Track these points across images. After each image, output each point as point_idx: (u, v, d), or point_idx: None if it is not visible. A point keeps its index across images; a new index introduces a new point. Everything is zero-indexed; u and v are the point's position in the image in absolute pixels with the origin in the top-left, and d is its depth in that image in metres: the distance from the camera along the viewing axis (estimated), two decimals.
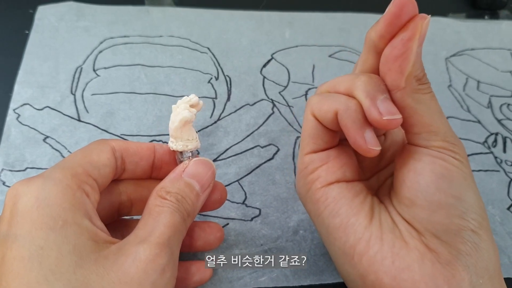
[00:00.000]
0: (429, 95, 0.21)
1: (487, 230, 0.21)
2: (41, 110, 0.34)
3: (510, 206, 0.34)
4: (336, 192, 0.23)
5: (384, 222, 0.22)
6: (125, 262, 0.19)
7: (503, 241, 0.31)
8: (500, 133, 0.38)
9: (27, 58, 0.37)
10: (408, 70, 0.20)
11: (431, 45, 0.44)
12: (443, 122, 0.21)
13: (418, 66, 0.21)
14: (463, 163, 0.21)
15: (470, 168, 0.22)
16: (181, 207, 0.22)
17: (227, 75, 0.38)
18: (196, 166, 0.23)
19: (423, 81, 0.21)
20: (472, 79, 0.42)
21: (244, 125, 0.35)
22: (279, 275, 0.28)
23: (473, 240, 0.21)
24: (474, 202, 0.21)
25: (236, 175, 0.33)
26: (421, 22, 0.20)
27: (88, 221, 0.20)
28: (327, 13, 0.45)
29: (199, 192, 0.23)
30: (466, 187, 0.21)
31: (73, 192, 0.20)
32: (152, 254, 0.19)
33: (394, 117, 0.21)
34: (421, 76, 0.21)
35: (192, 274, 0.25)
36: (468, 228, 0.21)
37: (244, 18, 0.43)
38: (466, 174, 0.21)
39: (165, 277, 0.20)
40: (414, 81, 0.21)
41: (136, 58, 0.38)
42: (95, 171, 0.21)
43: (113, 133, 0.33)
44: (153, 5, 0.43)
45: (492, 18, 0.49)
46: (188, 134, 0.24)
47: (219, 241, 0.26)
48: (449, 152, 0.21)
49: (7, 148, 0.31)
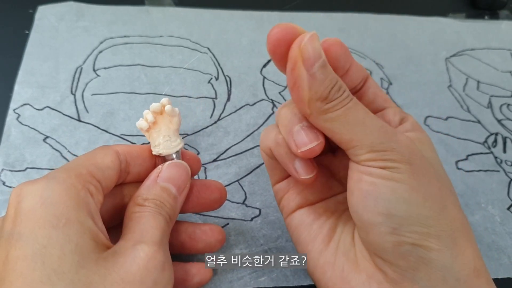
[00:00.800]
0: (342, 109, 0.20)
1: (439, 237, 0.20)
2: (41, 110, 0.34)
3: (510, 206, 0.34)
4: (296, 220, 0.25)
5: (341, 244, 0.23)
6: (125, 262, 0.19)
7: (503, 241, 0.31)
8: (500, 133, 0.38)
9: (27, 58, 0.37)
10: (306, 97, 0.20)
11: (431, 45, 0.44)
12: (367, 131, 0.20)
13: (317, 88, 0.19)
14: (397, 169, 0.20)
15: (413, 170, 0.20)
16: (162, 211, 0.22)
17: (227, 75, 0.38)
18: (169, 170, 0.24)
19: (330, 99, 0.20)
20: (472, 79, 0.42)
21: (244, 125, 0.35)
22: (279, 275, 0.28)
23: (416, 254, 0.20)
24: (408, 214, 0.20)
25: (236, 175, 0.33)
26: (297, 47, 0.19)
27: (91, 220, 0.20)
28: (327, 13, 0.45)
29: (176, 195, 0.23)
30: (395, 201, 0.20)
31: (77, 191, 0.20)
32: (151, 252, 0.19)
33: (308, 147, 0.20)
34: (325, 95, 0.19)
35: (193, 275, 0.25)
36: (406, 243, 0.19)
37: (244, 18, 0.43)
38: (395, 184, 0.20)
39: (165, 275, 0.20)
40: (318, 104, 0.20)
41: (136, 58, 0.38)
42: (99, 173, 0.21)
43: (113, 133, 0.33)
44: (153, 5, 0.43)
45: (492, 18, 0.49)
46: (154, 139, 0.25)
47: (220, 244, 0.26)
48: (376, 163, 0.20)
49: (7, 148, 0.31)
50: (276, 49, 0.20)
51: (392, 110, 0.24)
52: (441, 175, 0.22)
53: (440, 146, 0.36)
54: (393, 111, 0.24)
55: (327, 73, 0.19)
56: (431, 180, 0.20)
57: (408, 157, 0.20)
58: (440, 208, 0.20)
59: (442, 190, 0.21)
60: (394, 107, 0.24)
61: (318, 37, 0.20)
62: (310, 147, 0.20)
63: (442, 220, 0.20)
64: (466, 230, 0.21)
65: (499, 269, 0.30)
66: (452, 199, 0.21)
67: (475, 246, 0.21)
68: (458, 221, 0.20)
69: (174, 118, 0.26)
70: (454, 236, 0.20)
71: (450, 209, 0.20)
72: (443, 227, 0.20)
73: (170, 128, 0.25)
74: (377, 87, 0.24)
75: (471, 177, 0.35)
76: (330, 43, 0.21)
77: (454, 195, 0.22)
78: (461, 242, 0.20)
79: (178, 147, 0.25)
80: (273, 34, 0.20)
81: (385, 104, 0.24)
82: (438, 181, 0.21)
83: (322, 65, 0.19)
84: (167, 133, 0.25)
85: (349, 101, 0.20)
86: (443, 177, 0.22)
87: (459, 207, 0.21)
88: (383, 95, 0.24)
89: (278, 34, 0.19)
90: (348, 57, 0.22)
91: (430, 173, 0.20)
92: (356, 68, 0.23)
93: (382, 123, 0.20)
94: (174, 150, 0.25)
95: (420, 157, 0.20)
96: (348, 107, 0.20)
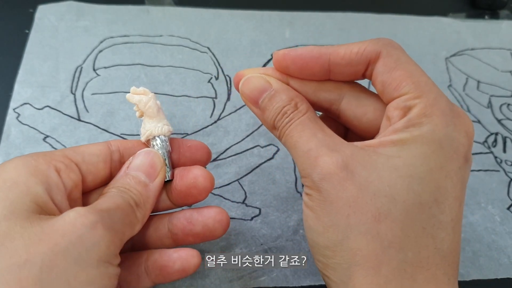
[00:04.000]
0: (284, 136, 0.22)
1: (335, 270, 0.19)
2: (41, 110, 0.34)
3: (510, 206, 0.34)
4: None
5: None
6: (55, 220, 0.19)
7: (503, 241, 0.31)
8: (500, 133, 0.38)
9: (27, 57, 0.37)
10: (268, 126, 0.22)
11: (431, 45, 0.44)
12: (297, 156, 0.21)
13: (265, 119, 0.22)
14: (310, 196, 0.19)
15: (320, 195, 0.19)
16: (124, 195, 0.21)
17: (227, 75, 0.38)
18: (138, 158, 0.24)
19: (276, 127, 0.22)
20: (472, 79, 0.42)
21: (244, 125, 0.35)
22: (279, 275, 0.28)
23: (325, 281, 0.21)
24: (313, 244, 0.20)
25: (236, 175, 0.33)
26: (240, 93, 0.23)
27: (42, 188, 0.20)
28: (327, 13, 0.45)
29: (146, 182, 0.23)
30: (307, 229, 0.21)
31: (37, 164, 0.20)
32: (83, 212, 0.19)
33: None
34: (272, 124, 0.22)
35: (174, 260, 0.23)
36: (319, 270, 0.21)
37: (244, 18, 0.43)
38: (307, 211, 0.20)
39: (97, 234, 0.18)
40: (274, 132, 0.22)
41: (136, 57, 0.38)
42: (78, 156, 0.22)
43: (113, 133, 0.33)
44: (153, 5, 0.43)
45: (492, 18, 0.49)
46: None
47: (220, 225, 0.24)
48: (304, 189, 0.21)
49: (7, 147, 0.31)
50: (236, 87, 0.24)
51: (395, 103, 0.20)
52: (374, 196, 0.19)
53: None
54: (396, 103, 0.20)
55: (274, 102, 0.21)
56: (339, 207, 0.19)
57: (318, 183, 0.19)
58: (339, 239, 0.19)
59: (352, 218, 0.18)
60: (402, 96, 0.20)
61: (254, 77, 0.22)
62: None
63: (339, 252, 0.19)
64: (371, 262, 0.18)
65: (499, 269, 0.30)
66: (367, 226, 0.18)
67: (382, 279, 0.18)
68: (360, 253, 0.18)
69: (147, 104, 0.25)
70: (350, 270, 0.19)
71: (353, 240, 0.18)
72: (339, 260, 0.19)
73: (149, 115, 0.25)
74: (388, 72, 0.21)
75: (471, 177, 0.34)
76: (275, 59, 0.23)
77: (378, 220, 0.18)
78: (358, 277, 0.18)
79: (147, 133, 0.25)
80: (234, 82, 0.24)
81: (395, 93, 0.20)
82: (351, 207, 0.19)
83: (268, 97, 0.22)
84: (146, 120, 0.25)
85: (289, 126, 0.21)
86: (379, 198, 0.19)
87: (377, 235, 0.18)
88: (394, 82, 0.20)
89: (234, 82, 0.24)
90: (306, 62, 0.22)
91: (342, 199, 0.19)
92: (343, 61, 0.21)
93: (310, 146, 0.20)
94: (143, 138, 0.25)
95: (335, 181, 0.19)
96: (287, 134, 0.21)
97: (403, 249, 0.18)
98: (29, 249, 0.17)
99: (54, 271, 0.17)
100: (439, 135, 0.19)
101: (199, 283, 0.27)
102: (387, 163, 0.19)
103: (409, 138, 0.19)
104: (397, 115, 0.20)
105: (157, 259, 0.23)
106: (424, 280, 0.18)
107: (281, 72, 0.23)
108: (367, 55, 0.21)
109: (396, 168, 0.19)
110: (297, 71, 0.22)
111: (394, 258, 0.18)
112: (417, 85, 0.20)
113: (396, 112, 0.20)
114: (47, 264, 0.17)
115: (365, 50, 0.21)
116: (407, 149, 0.19)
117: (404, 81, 0.20)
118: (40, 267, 0.17)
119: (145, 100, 0.25)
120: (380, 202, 0.18)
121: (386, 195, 0.18)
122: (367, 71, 0.22)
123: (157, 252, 0.24)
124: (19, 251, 0.17)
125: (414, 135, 0.19)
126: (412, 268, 0.18)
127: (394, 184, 0.19)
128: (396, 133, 0.19)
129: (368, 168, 0.19)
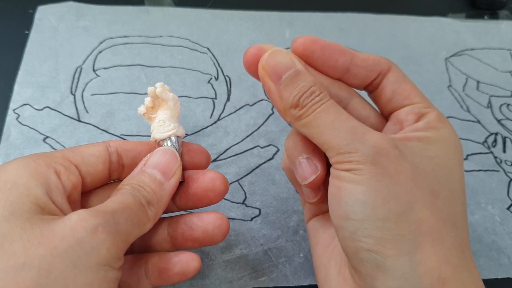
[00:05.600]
0: (313, 114, 0.20)
1: (396, 243, 0.18)
2: (41, 110, 0.34)
3: (510, 206, 0.34)
4: (310, 227, 0.27)
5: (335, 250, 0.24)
6: (56, 222, 0.18)
7: (503, 241, 0.31)
8: (500, 133, 0.38)
9: (27, 58, 0.37)
10: (280, 107, 0.21)
11: (431, 45, 0.44)
12: (335, 134, 0.20)
13: (287, 97, 0.21)
14: (359, 170, 0.19)
15: (374, 168, 0.19)
16: (136, 192, 0.21)
17: (226, 75, 0.38)
18: (155, 156, 0.24)
19: (302, 105, 0.21)
20: (472, 79, 0.42)
21: (244, 126, 0.35)
22: (279, 275, 0.28)
23: (372, 261, 0.19)
24: (363, 217, 0.19)
25: (236, 175, 0.33)
26: (260, 65, 0.21)
27: (42, 190, 0.20)
28: (326, 13, 0.45)
29: (162, 181, 0.23)
30: (352, 204, 0.19)
31: (37, 166, 0.20)
32: (85, 215, 0.19)
33: (309, 180, 0.22)
34: (296, 102, 0.21)
35: (174, 264, 0.23)
36: (362, 249, 0.19)
37: (244, 18, 0.43)
38: (354, 186, 0.19)
39: (97, 237, 0.18)
40: (293, 111, 0.21)
41: (136, 58, 0.38)
42: (77, 157, 0.22)
43: (113, 133, 0.33)
44: (153, 5, 0.43)
45: (492, 18, 0.49)
46: (152, 125, 0.25)
47: (219, 231, 0.24)
48: (342, 166, 0.20)
49: (7, 148, 0.31)
50: (250, 67, 0.22)
51: (409, 109, 0.23)
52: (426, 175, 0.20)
53: None
54: (410, 109, 0.22)
55: (299, 81, 0.21)
56: (400, 180, 0.19)
57: (372, 157, 0.19)
58: (403, 210, 0.19)
59: (415, 190, 0.19)
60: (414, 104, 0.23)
61: (281, 51, 0.21)
62: (310, 180, 0.22)
63: (402, 223, 0.19)
64: (436, 233, 0.19)
65: (499, 269, 0.30)
66: (428, 200, 0.19)
67: (446, 252, 0.19)
68: (426, 224, 0.19)
69: (169, 103, 0.26)
70: (417, 241, 0.18)
71: (418, 211, 0.19)
72: (402, 231, 0.18)
73: (166, 113, 0.25)
74: (398, 83, 0.23)
75: (471, 177, 0.35)
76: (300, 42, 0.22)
77: (435, 196, 0.20)
78: (426, 247, 0.18)
79: (170, 132, 0.25)
80: (247, 54, 0.22)
81: (405, 101, 0.23)
82: (412, 181, 0.19)
83: (293, 75, 0.21)
84: (161, 118, 0.25)
85: (321, 105, 0.20)
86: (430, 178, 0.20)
87: (437, 209, 0.19)
88: (404, 92, 0.23)
89: (249, 54, 0.22)
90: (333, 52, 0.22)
91: (402, 173, 0.19)
92: (363, 64, 0.23)
93: (353, 124, 0.20)
94: (165, 135, 0.25)
95: (391, 156, 0.19)
96: (318, 112, 0.20)
97: (455, 224, 0.20)
98: (28, 252, 0.17)
99: (52, 274, 0.17)
100: (454, 139, 0.22)
101: (199, 283, 0.27)
102: (421, 152, 0.21)
103: (432, 137, 0.21)
104: (411, 118, 0.22)
105: (157, 262, 0.23)
106: (469, 256, 0.20)
107: (301, 57, 0.22)
108: (381, 66, 0.23)
109: (431, 157, 0.21)
110: (321, 60, 0.22)
111: (452, 232, 0.19)
112: (423, 97, 0.23)
113: (410, 116, 0.22)
114: (45, 267, 0.17)
115: (380, 61, 0.23)
116: (433, 145, 0.21)
117: (413, 92, 0.23)
118: (38, 270, 0.17)
119: (176, 99, 0.26)
120: (432, 181, 0.20)
121: (434, 176, 0.20)
122: (376, 79, 0.23)
123: (157, 255, 0.24)
124: (18, 253, 0.17)
125: (435, 135, 0.21)
126: (462, 244, 0.20)
127: (434, 169, 0.21)
128: (419, 132, 0.22)
129: (411, 152, 0.20)
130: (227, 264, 0.28)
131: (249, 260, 0.28)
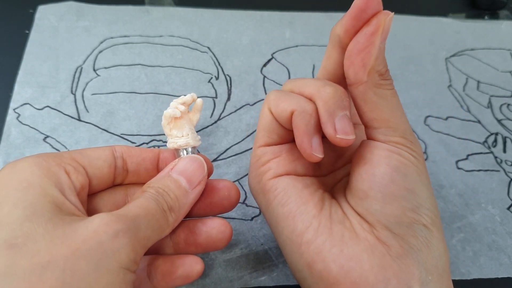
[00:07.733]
0: (391, 91, 0.22)
1: (439, 229, 0.22)
2: (41, 110, 0.34)
3: (510, 206, 0.34)
4: (285, 183, 0.23)
5: (334, 214, 0.22)
6: (78, 225, 0.19)
7: (503, 241, 0.31)
8: (500, 133, 0.38)
9: (27, 58, 0.37)
10: (370, 64, 0.21)
11: (431, 45, 0.44)
12: (403, 120, 0.22)
13: (380, 61, 0.21)
14: (419, 161, 0.22)
15: (426, 168, 0.22)
16: (160, 197, 0.21)
17: (227, 75, 0.38)
18: (183, 163, 0.24)
19: (386, 77, 0.21)
20: (472, 79, 0.42)
21: (244, 125, 0.35)
22: (279, 274, 0.28)
23: (425, 235, 0.21)
24: (427, 198, 0.21)
25: (236, 175, 0.33)
26: (384, 18, 0.21)
27: (57, 190, 0.20)
28: (327, 13, 0.45)
29: (186, 188, 0.23)
30: (420, 183, 0.21)
31: (49, 165, 0.20)
32: (107, 218, 0.19)
33: (347, 137, 0.21)
34: (383, 71, 0.21)
35: (177, 266, 0.23)
36: (421, 223, 0.21)
37: (244, 17, 0.43)
38: (421, 171, 0.22)
39: (118, 242, 0.18)
40: (376, 76, 0.21)
41: (136, 58, 0.38)
42: (84, 159, 0.22)
43: (113, 133, 0.33)
44: (153, 5, 0.43)
45: (492, 18, 0.49)
46: (178, 131, 0.25)
47: (223, 236, 0.24)
48: (406, 148, 0.21)
49: (7, 147, 0.31)
50: (368, 8, 0.21)
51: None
52: None
53: (440, 146, 0.36)
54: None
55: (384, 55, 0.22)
56: None
57: (421, 153, 0.22)
58: None
59: None
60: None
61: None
62: (347, 138, 0.21)
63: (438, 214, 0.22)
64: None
65: (499, 269, 0.30)
66: None
67: None
68: None
69: (197, 114, 0.26)
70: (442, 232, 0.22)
71: None
72: (440, 221, 0.22)
73: (192, 122, 0.26)
74: None
75: (471, 177, 0.35)
76: None
77: None
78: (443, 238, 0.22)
79: (200, 141, 0.26)
80: None
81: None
82: None
83: (384, 46, 0.21)
84: (190, 126, 0.26)
85: (394, 88, 0.22)
86: None
87: None
88: None
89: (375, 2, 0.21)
90: None
91: None
92: None
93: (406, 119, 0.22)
94: (199, 143, 0.26)
95: None
96: (394, 92, 0.22)
97: None
98: (52, 251, 0.17)
99: (76, 274, 0.17)
100: None
101: (199, 282, 0.27)
102: None
103: None
104: None
105: (160, 265, 0.23)
106: None
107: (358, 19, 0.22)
108: None
109: None
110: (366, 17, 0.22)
111: None
112: None
113: None
114: (70, 267, 0.17)
115: None
116: None
117: None
118: (63, 269, 0.17)
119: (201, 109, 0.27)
120: None
121: None
122: None
123: (160, 258, 0.24)
124: (42, 252, 0.17)
125: None
126: None
127: None
128: None
129: None
130: (227, 263, 0.28)
131: (249, 259, 0.28)
